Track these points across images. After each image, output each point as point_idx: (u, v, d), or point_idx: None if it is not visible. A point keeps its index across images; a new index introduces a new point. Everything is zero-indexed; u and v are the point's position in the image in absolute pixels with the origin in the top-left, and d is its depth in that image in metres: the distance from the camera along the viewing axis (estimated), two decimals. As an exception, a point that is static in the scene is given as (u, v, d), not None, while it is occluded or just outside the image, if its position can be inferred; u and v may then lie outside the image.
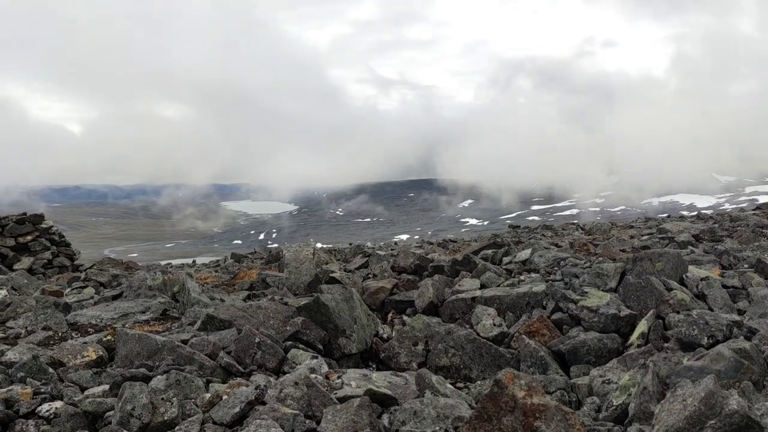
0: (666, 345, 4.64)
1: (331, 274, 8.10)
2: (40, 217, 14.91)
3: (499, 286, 6.82)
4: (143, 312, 6.71)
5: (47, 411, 3.58)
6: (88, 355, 4.82)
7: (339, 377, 4.20)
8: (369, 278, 8.40)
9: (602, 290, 5.83)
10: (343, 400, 3.62)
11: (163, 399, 3.48)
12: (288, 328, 5.27)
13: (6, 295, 8.11)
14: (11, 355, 4.73)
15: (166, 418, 3.39)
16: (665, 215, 20.29)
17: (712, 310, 5.30)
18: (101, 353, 4.90)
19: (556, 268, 7.48)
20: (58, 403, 3.65)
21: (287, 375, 3.98)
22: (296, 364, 4.60)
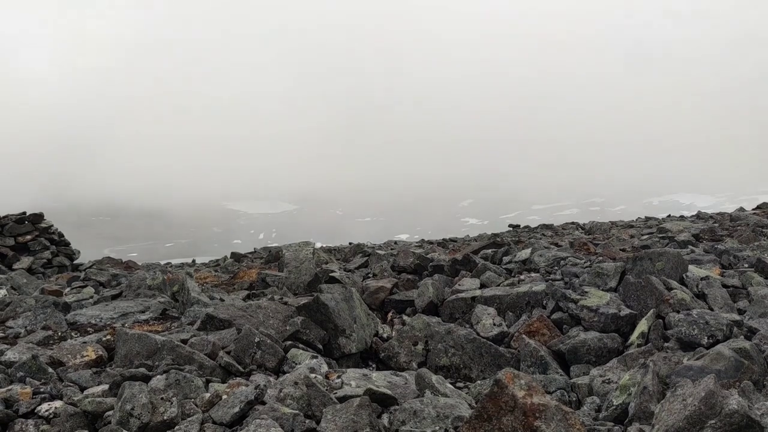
0: (666, 344, 4.64)
1: (330, 274, 8.10)
2: (39, 217, 14.89)
3: (499, 285, 6.81)
4: (143, 311, 6.71)
5: (47, 411, 3.58)
6: (87, 355, 4.81)
7: (339, 377, 4.20)
8: (369, 278, 8.40)
9: (602, 290, 5.83)
10: (342, 399, 3.62)
11: (162, 399, 3.47)
12: (288, 327, 5.27)
13: (5, 295, 8.11)
14: (11, 354, 4.72)
15: (165, 417, 3.39)
16: (665, 215, 20.28)
17: (712, 309, 5.30)
18: (101, 353, 4.89)
19: (556, 268, 7.48)
20: (57, 403, 3.64)
21: (287, 375, 3.98)
22: (296, 364, 4.60)
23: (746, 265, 6.92)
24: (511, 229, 19.62)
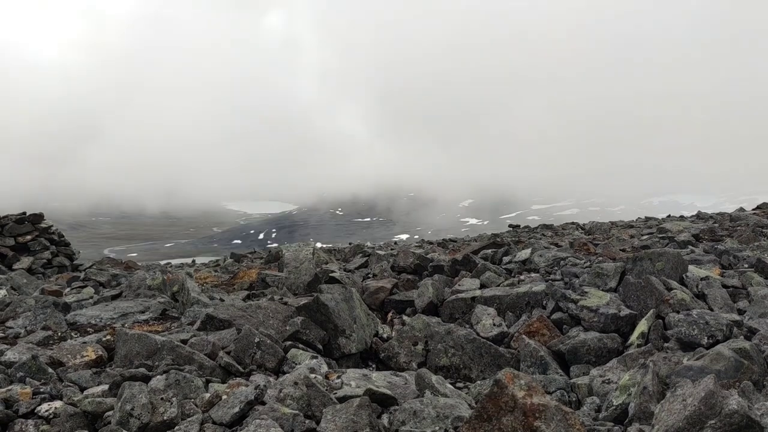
0: (666, 345, 4.64)
1: (330, 274, 8.10)
2: (39, 217, 14.90)
3: (498, 285, 6.82)
4: (143, 312, 6.71)
5: (47, 411, 3.58)
6: (87, 355, 4.81)
7: (339, 377, 4.20)
8: (369, 278, 8.40)
9: (602, 290, 5.83)
10: (342, 400, 3.62)
11: (162, 399, 3.47)
12: (288, 327, 5.27)
13: (5, 295, 8.11)
14: (11, 354, 4.72)
15: (165, 418, 3.39)
16: (665, 215, 20.29)
17: (712, 309, 5.30)
18: (101, 353, 4.89)
19: (556, 268, 7.48)
20: (57, 403, 3.64)
21: (287, 375, 3.98)
22: (296, 364, 4.60)
23: (746, 266, 6.92)
24: (511, 229, 19.60)
